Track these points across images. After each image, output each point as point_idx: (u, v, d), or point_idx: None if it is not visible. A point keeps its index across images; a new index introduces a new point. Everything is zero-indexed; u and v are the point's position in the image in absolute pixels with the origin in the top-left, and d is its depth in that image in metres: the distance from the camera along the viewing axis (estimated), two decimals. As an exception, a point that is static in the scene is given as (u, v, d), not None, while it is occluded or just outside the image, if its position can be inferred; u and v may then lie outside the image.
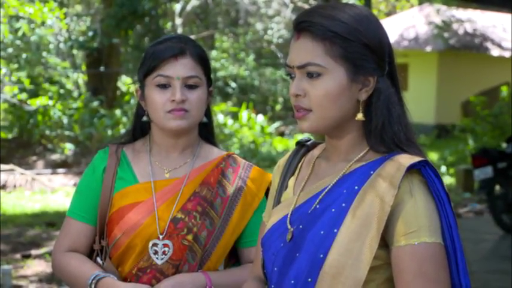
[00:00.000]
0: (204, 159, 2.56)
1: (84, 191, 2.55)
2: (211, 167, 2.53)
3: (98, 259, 2.51)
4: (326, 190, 1.90)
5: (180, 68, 2.44)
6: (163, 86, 2.45)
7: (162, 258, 2.43)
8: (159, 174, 2.53)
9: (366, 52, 1.86)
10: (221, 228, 2.50)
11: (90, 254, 2.54)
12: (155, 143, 2.55)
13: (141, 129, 2.60)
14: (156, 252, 2.43)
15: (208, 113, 2.59)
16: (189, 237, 2.44)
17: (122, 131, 16.15)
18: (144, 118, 2.53)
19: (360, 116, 1.88)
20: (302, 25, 1.89)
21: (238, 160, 2.59)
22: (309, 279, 1.83)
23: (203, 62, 2.50)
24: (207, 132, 2.62)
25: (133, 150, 2.58)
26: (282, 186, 2.07)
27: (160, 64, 2.44)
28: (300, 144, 2.11)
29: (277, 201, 2.06)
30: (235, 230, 2.52)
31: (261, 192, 2.55)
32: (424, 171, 1.84)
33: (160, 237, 2.44)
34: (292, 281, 1.86)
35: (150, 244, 2.43)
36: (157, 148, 2.55)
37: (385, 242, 1.82)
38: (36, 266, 7.90)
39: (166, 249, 2.43)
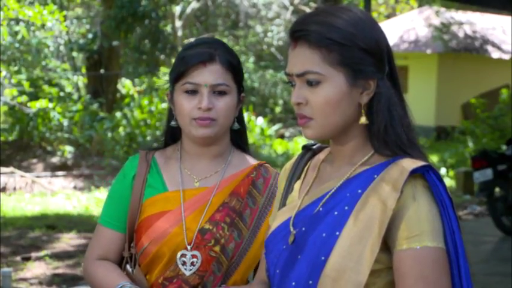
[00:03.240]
0: (235, 168, 2.51)
1: (115, 198, 2.53)
2: (241, 176, 2.49)
3: (128, 266, 2.49)
4: (330, 193, 1.90)
5: (208, 75, 2.40)
6: (191, 92, 2.41)
7: (190, 269, 2.40)
8: (189, 183, 2.49)
9: (364, 56, 1.86)
10: (249, 240, 2.45)
11: (121, 261, 2.52)
12: (185, 150, 2.52)
13: (172, 134, 2.57)
14: (184, 263, 2.40)
15: (240, 119, 2.54)
16: (216, 248, 2.40)
17: (122, 133, 16.17)
18: (173, 123, 2.50)
19: (363, 119, 1.88)
20: (298, 33, 1.89)
21: (270, 170, 2.54)
22: (310, 282, 1.83)
23: (233, 68, 2.45)
24: (239, 138, 2.57)
25: (164, 156, 2.55)
26: (288, 189, 2.07)
27: (189, 70, 2.40)
28: (306, 148, 2.12)
29: (283, 204, 2.06)
30: (263, 242, 2.46)
31: None
32: (427, 175, 1.84)
33: (189, 247, 2.40)
34: (293, 283, 1.86)
35: (179, 255, 2.40)
36: (187, 155, 2.52)
37: (387, 245, 1.82)
38: (36, 269, 7.89)
39: (194, 260, 2.40)
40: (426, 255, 1.78)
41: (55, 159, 15.68)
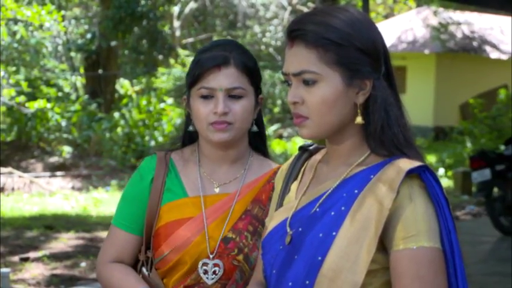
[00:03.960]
0: (255, 173, 2.47)
1: (131, 200, 2.47)
2: (262, 182, 2.44)
3: (144, 269, 2.44)
4: (327, 194, 1.90)
5: (223, 79, 2.35)
6: (207, 97, 2.37)
7: (212, 278, 2.35)
8: (209, 188, 2.44)
9: (360, 56, 1.87)
10: None
11: (135, 264, 2.48)
12: (203, 154, 2.48)
13: (189, 137, 2.52)
14: (206, 272, 2.35)
15: (259, 122, 2.50)
16: (240, 257, 2.35)
17: (120, 133, 16.16)
18: (190, 128, 2.46)
19: (359, 119, 1.89)
20: (295, 33, 1.89)
21: None
22: (307, 282, 1.83)
23: (248, 71, 2.40)
24: (257, 141, 2.53)
25: (182, 158, 2.50)
26: (285, 190, 2.08)
27: (204, 74, 2.36)
28: (302, 149, 2.12)
29: (280, 205, 2.06)
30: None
31: None
32: (423, 176, 1.84)
33: (211, 256, 2.35)
34: (290, 283, 1.87)
35: (200, 264, 2.35)
36: (206, 159, 2.47)
37: (383, 245, 1.83)
38: (34, 269, 7.89)
39: (216, 269, 2.35)
40: (422, 255, 1.78)
41: (53, 160, 15.68)
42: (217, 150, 2.44)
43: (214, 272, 2.35)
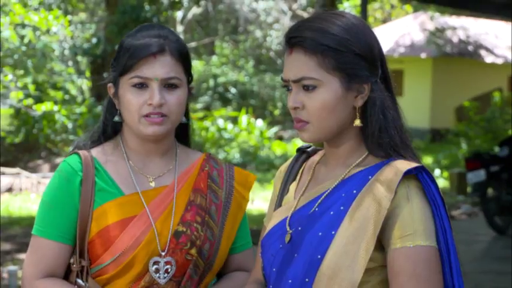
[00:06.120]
0: (185, 162, 2.28)
1: (58, 206, 2.16)
2: (196, 171, 2.27)
3: (79, 280, 2.18)
4: (325, 194, 1.91)
5: (159, 68, 2.13)
6: (140, 87, 2.14)
7: (164, 277, 2.16)
8: (144, 183, 2.22)
9: (358, 61, 1.87)
10: (219, 237, 2.24)
11: (66, 275, 2.20)
12: (130, 148, 2.24)
13: (112, 130, 2.27)
14: (157, 271, 2.15)
15: (186, 113, 2.28)
16: (193, 251, 2.18)
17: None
18: (116, 118, 2.21)
19: (357, 122, 1.89)
20: (293, 40, 1.89)
21: (219, 161, 2.34)
22: (307, 280, 1.83)
23: (184, 59, 2.19)
24: (182, 132, 2.33)
25: (104, 154, 2.23)
26: (284, 190, 2.08)
27: (138, 63, 2.13)
28: (300, 150, 2.12)
29: (279, 205, 2.06)
30: (229, 237, 2.28)
31: (247, 194, 2.33)
32: (420, 176, 1.84)
33: (162, 254, 2.16)
34: (290, 281, 1.87)
35: (151, 263, 2.15)
36: (133, 153, 2.24)
37: (381, 244, 1.83)
38: (42, 267, 7.89)
39: (168, 267, 2.16)
40: (419, 254, 1.78)
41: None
42: (147, 144, 2.22)
43: (166, 271, 2.16)
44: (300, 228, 1.90)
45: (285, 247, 1.91)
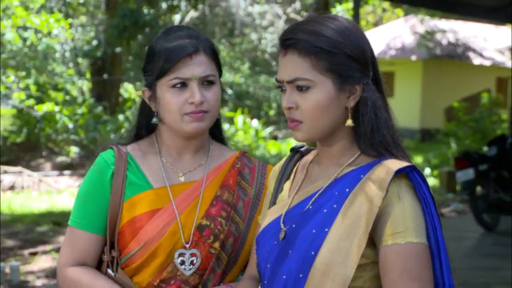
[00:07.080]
0: (218, 159, 2.31)
1: (91, 198, 2.22)
2: (227, 167, 2.30)
3: (109, 271, 2.22)
4: (319, 192, 1.91)
5: (196, 67, 2.17)
6: (180, 87, 2.18)
7: (190, 269, 2.18)
8: (174, 177, 2.25)
9: (350, 62, 1.87)
10: (245, 233, 2.24)
11: (98, 265, 2.25)
12: (164, 144, 2.28)
13: (146, 130, 2.32)
14: (183, 263, 2.17)
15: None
16: (216, 244, 2.19)
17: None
18: (154, 120, 2.25)
19: (349, 122, 1.89)
20: (288, 42, 1.89)
21: (253, 159, 2.35)
22: (300, 275, 1.83)
23: (215, 56, 2.25)
24: (216, 128, 2.36)
25: (139, 150, 2.28)
26: (278, 189, 2.08)
27: (176, 65, 2.17)
28: (294, 150, 2.12)
29: (273, 204, 2.06)
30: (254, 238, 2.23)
31: None
32: (411, 175, 1.84)
33: (187, 246, 2.18)
34: (284, 277, 1.87)
35: (177, 254, 2.17)
36: (167, 149, 2.28)
37: (373, 241, 1.83)
38: (43, 263, 7.88)
39: (194, 258, 2.18)
40: (410, 250, 1.78)
41: (61, 159, 15.67)
42: (183, 140, 2.26)
43: (191, 262, 2.18)
44: (294, 226, 1.90)
45: (280, 244, 1.91)
